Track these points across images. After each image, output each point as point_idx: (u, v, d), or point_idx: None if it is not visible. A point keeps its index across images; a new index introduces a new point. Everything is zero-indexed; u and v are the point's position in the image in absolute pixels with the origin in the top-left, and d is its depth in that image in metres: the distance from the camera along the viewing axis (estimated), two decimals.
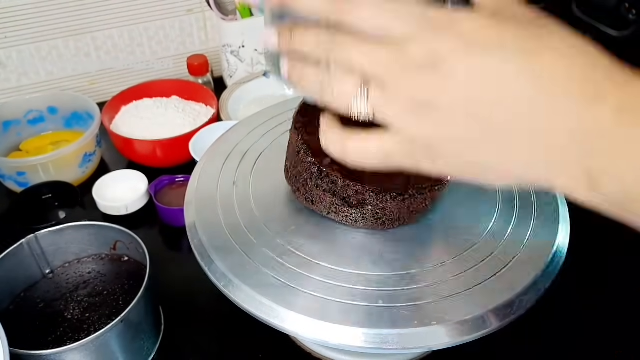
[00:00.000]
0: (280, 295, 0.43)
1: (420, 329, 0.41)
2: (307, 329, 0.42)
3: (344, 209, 0.47)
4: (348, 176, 0.45)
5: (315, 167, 0.45)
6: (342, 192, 0.45)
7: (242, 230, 0.49)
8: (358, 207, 0.46)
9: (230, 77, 0.95)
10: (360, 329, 0.41)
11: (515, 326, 0.43)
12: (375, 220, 0.47)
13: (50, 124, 0.84)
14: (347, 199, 0.46)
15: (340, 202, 0.46)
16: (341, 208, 0.47)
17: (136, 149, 0.78)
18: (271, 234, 0.48)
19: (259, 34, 0.31)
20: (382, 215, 0.46)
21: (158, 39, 0.94)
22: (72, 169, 0.76)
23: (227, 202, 0.52)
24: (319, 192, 0.47)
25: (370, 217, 0.46)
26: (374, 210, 0.46)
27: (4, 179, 0.76)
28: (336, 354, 0.55)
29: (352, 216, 0.47)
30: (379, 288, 0.44)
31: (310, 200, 0.48)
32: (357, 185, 0.44)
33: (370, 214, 0.46)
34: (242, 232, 0.49)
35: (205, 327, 0.60)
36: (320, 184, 0.46)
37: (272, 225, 0.49)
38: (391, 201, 0.45)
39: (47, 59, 0.89)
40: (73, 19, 0.87)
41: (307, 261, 0.46)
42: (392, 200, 0.45)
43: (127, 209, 0.72)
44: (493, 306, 0.43)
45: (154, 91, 0.87)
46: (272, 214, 0.50)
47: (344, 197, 0.46)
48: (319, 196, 0.47)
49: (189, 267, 0.55)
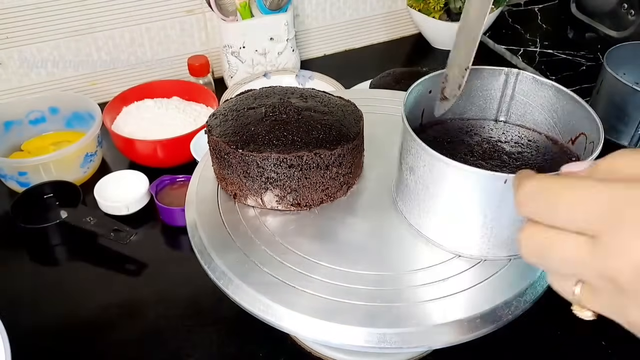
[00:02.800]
0: (281, 294, 0.43)
1: (420, 328, 0.41)
2: (307, 328, 0.42)
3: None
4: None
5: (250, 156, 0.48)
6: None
7: (242, 230, 0.49)
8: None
9: (230, 78, 0.95)
10: (360, 328, 0.41)
11: (514, 325, 0.44)
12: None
13: (52, 124, 0.84)
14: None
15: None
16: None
17: (137, 149, 0.78)
18: (271, 233, 0.49)
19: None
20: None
21: (159, 39, 0.94)
22: (73, 169, 0.76)
23: (227, 202, 0.52)
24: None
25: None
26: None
27: (6, 179, 0.76)
28: (336, 353, 0.55)
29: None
30: (379, 287, 0.44)
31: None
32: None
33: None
34: (243, 231, 0.49)
35: (206, 326, 0.60)
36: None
37: (272, 224, 0.50)
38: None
39: (49, 60, 0.89)
40: (74, 20, 0.87)
41: (307, 260, 0.46)
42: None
43: (128, 209, 0.72)
44: (492, 306, 0.43)
45: (154, 91, 0.87)
46: (272, 214, 0.51)
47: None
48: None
49: (189, 267, 0.55)
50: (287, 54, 0.95)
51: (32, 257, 0.69)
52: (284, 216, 0.50)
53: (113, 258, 0.68)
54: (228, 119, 0.52)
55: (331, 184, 0.50)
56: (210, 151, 0.53)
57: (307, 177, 0.49)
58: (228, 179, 0.51)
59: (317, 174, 0.49)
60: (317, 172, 0.49)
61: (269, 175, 0.48)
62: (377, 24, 1.10)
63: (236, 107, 0.53)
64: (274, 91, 0.55)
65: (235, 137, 0.49)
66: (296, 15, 1.00)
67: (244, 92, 0.57)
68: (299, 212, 0.51)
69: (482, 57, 1.07)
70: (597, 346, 0.58)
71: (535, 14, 1.16)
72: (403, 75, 0.87)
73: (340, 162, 0.50)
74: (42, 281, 0.66)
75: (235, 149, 0.48)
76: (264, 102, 0.53)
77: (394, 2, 1.08)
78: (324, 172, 0.49)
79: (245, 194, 0.51)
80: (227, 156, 0.49)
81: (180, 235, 0.71)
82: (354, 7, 1.05)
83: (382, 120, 0.61)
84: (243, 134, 0.49)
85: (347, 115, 0.53)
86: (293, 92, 0.55)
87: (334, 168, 0.50)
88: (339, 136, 0.49)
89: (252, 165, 0.48)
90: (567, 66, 1.00)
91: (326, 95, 0.56)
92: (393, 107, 0.64)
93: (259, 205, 0.51)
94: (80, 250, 0.69)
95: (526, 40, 1.08)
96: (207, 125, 0.53)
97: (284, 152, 0.47)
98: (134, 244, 0.68)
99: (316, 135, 0.49)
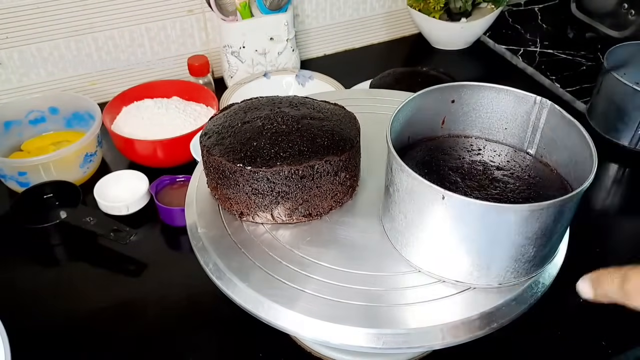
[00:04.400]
0: (281, 294, 0.43)
1: (420, 328, 0.41)
2: (307, 328, 0.42)
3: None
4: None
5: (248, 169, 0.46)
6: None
7: (242, 230, 0.49)
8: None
9: (230, 78, 0.95)
10: (360, 328, 0.41)
11: (514, 326, 0.44)
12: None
13: (52, 124, 0.84)
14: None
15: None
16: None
17: (137, 149, 0.78)
18: (271, 233, 0.49)
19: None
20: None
21: (159, 39, 0.94)
22: (73, 169, 0.76)
23: None
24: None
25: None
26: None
27: (5, 179, 0.76)
28: (336, 353, 0.55)
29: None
30: (379, 287, 0.44)
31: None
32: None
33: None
34: (243, 231, 0.49)
35: (206, 326, 0.60)
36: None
37: (272, 224, 0.50)
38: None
39: (49, 60, 0.89)
40: (74, 20, 0.87)
41: (307, 261, 0.46)
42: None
43: (128, 209, 0.72)
44: (492, 306, 0.43)
45: (154, 91, 0.87)
46: None
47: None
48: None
49: (189, 267, 0.55)
50: (287, 54, 0.95)
51: (32, 257, 0.69)
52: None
53: (113, 258, 0.68)
54: (225, 137, 0.49)
55: (340, 190, 0.50)
56: (208, 172, 0.51)
57: (318, 187, 0.48)
58: (233, 198, 0.49)
59: (328, 182, 0.48)
60: (327, 180, 0.48)
61: (280, 189, 0.47)
62: (377, 24, 1.10)
63: (228, 123, 0.51)
64: (260, 102, 0.53)
65: (239, 155, 0.47)
66: (296, 15, 1.00)
67: (227, 106, 0.55)
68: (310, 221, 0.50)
69: (482, 57, 1.08)
70: (597, 346, 0.58)
71: (536, 14, 1.16)
72: (403, 75, 0.87)
73: (346, 166, 0.49)
74: (42, 281, 0.66)
75: (242, 167, 0.46)
76: (256, 114, 0.51)
77: (394, 2, 1.08)
78: (333, 179, 0.48)
79: (254, 212, 0.49)
80: (232, 175, 0.47)
81: (180, 235, 0.71)
82: (354, 7, 1.05)
83: (382, 120, 0.61)
84: (247, 150, 0.47)
85: (341, 118, 0.52)
86: (281, 102, 0.53)
87: (342, 173, 0.49)
88: (342, 141, 0.49)
89: (261, 182, 0.46)
90: (567, 66, 0.99)
91: (314, 100, 0.55)
92: (393, 107, 0.63)
93: (268, 221, 0.49)
94: (80, 250, 0.69)
95: (526, 40, 1.08)
96: (203, 146, 0.50)
97: (295, 164, 0.46)
98: (134, 244, 0.68)
99: (321, 142, 0.48)
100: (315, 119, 0.50)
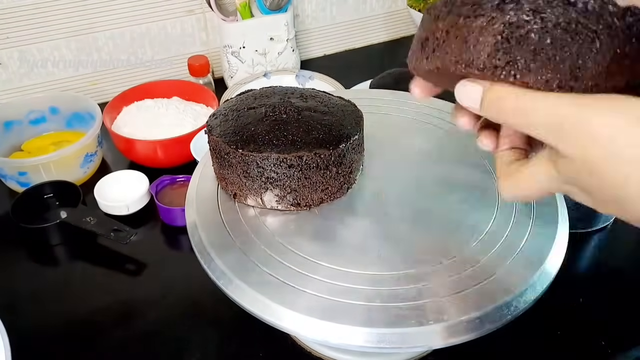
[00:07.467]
0: (280, 294, 0.43)
1: (419, 328, 0.41)
2: (307, 328, 0.42)
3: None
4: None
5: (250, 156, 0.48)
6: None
7: (242, 230, 0.49)
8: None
9: (230, 78, 0.95)
10: (359, 328, 0.41)
11: (514, 326, 0.44)
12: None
13: (52, 124, 0.84)
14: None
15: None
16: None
17: (137, 149, 0.78)
18: (271, 233, 0.49)
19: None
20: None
21: (159, 39, 0.94)
22: (73, 169, 0.76)
23: (227, 202, 0.52)
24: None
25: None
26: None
27: (6, 179, 0.76)
28: (336, 353, 0.55)
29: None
30: (378, 287, 0.44)
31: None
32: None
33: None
34: (243, 231, 0.49)
35: (206, 326, 0.60)
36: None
37: (272, 224, 0.50)
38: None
39: (49, 59, 0.89)
40: (74, 20, 0.87)
41: (307, 260, 0.46)
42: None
43: (128, 209, 0.72)
44: (492, 306, 0.43)
45: (155, 91, 0.87)
46: (272, 213, 0.51)
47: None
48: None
49: (189, 267, 0.55)
50: (287, 54, 0.95)
51: (32, 257, 0.69)
52: (284, 216, 0.50)
53: (113, 258, 0.68)
54: (228, 119, 0.52)
55: (331, 184, 0.50)
56: (210, 151, 0.53)
57: (307, 177, 0.49)
58: (228, 178, 0.51)
59: (317, 174, 0.49)
60: (317, 172, 0.49)
61: (268, 175, 0.48)
62: (377, 24, 1.10)
63: (236, 107, 0.53)
64: (274, 91, 0.55)
65: (235, 137, 0.49)
66: (296, 15, 1.00)
67: (245, 92, 0.57)
68: (299, 212, 0.51)
69: None
70: (597, 346, 0.58)
71: None
72: (403, 75, 0.87)
73: (340, 162, 0.50)
74: (42, 281, 0.66)
75: (235, 149, 0.48)
76: (264, 102, 0.53)
77: (394, 2, 1.08)
78: (323, 172, 0.49)
79: (245, 194, 0.51)
80: (227, 156, 0.50)
81: (180, 235, 0.71)
82: (354, 7, 1.05)
83: (382, 120, 0.61)
84: (243, 133, 0.49)
85: (347, 115, 0.53)
86: (293, 92, 0.55)
87: (334, 168, 0.50)
88: (338, 136, 0.49)
89: (252, 165, 0.48)
90: None
91: (326, 95, 0.56)
92: (393, 107, 0.64)
93: (258, 205, 0.51)
94: (80, 250, 0.70)
95: None
96: (207, 125, 0.53)
97: (284, 152, 0.47)
98: (134, 244, 0.68)
99: (316, 135, 0.49)
100: (318, 112, 0.51)
